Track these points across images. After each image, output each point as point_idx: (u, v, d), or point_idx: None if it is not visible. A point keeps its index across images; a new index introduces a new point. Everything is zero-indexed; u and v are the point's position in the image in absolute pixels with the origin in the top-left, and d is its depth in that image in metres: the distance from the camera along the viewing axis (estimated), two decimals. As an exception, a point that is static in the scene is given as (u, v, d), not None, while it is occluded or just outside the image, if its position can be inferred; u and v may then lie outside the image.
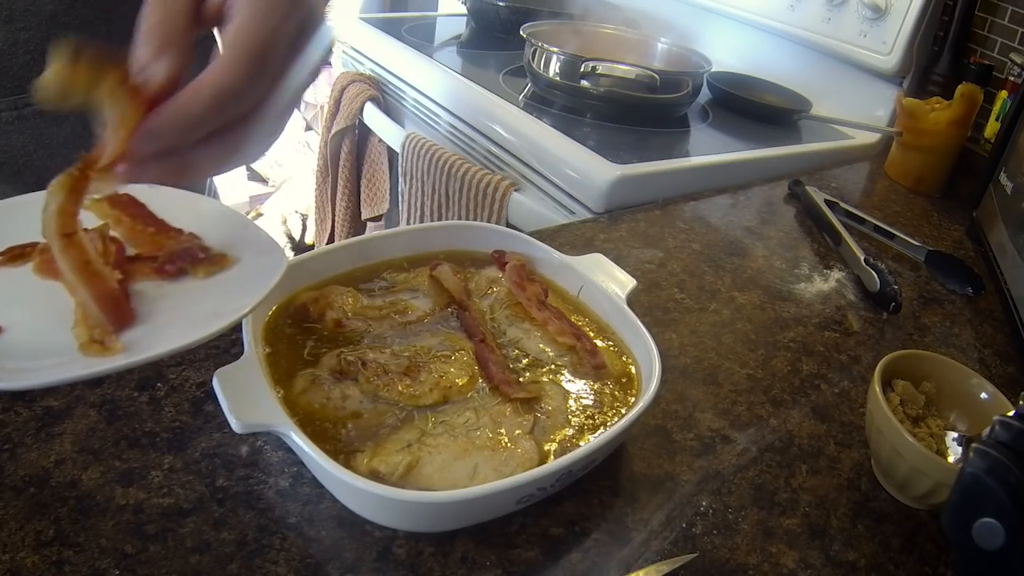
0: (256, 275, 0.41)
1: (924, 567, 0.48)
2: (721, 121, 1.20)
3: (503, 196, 1.03)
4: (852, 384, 0.64)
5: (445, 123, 1.21)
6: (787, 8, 1.28)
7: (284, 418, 0.40)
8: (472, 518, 0.43)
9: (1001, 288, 0.81)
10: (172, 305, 0.40)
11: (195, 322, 0.37)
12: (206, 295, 0.41)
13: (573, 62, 1.08)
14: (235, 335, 0.55)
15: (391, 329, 0.53)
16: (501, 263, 0.60)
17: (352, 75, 1.42)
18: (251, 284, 0.40)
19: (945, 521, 0.38)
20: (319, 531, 0.42)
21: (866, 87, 1.24)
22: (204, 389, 0.50)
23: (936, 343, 0.74)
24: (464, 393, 0.49)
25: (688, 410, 0.57)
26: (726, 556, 0.45)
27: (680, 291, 0.73)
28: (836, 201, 0.94)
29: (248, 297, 0.39)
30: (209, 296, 0.41)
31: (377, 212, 1.46)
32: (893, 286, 0.75)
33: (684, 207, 0.92)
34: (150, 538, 0.40)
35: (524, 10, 1.45)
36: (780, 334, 0.69)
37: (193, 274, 0.42)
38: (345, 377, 0.48)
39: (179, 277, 0.42)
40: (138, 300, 0.41)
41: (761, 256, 0.83)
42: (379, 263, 0.59)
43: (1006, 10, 1.12)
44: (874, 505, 0.52)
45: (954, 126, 1.04)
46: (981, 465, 0.36)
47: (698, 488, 0.50)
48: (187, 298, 0.41)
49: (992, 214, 0.89)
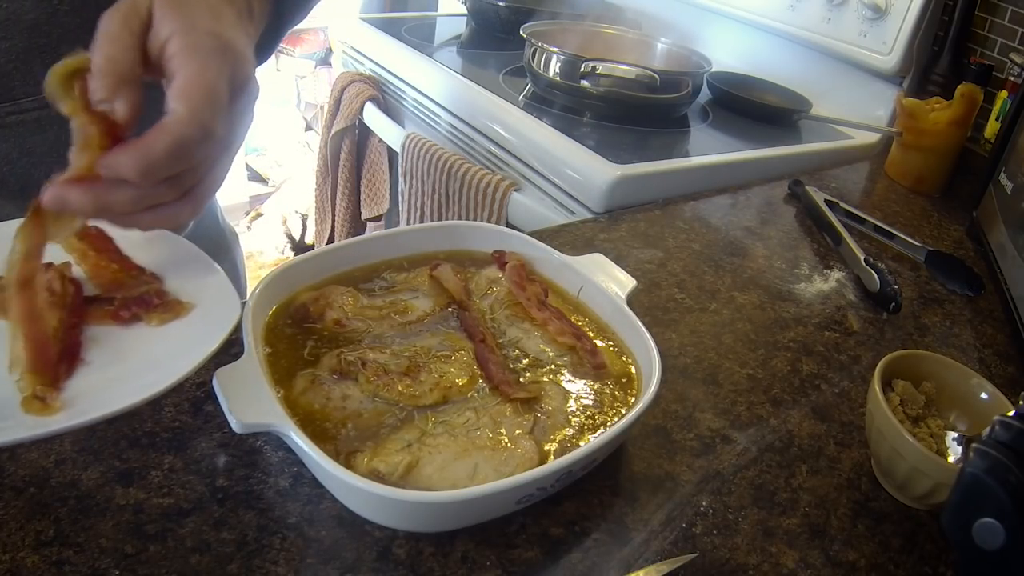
0: (207, 328, 0.41)
1: (924, 567, 0.48)
2: (721, 121, 1.20)
3: (503, 196, 1.03)
4: (852, 384, 0.64)
5: (445, 123, 1.21)
6: (787, 8, 1.28)
7: (284, 418, 0.40)
8: (472, 518, 0.43)
9: (1001, 288, 0.81)
10: (121, 355, 0.40)
11: (137, 379, 0.37)
12: (155, 346, 0.41)
13: (573, 62, 1.08)
14: (235, 335, 0.55)
15: (391, 329, 0.53)
16: (501, 263, 0.60)
17: (352, 75, 1.42)
18: (199, 339, 0.40)
19: (945, 521, 0.38)
20: (319, 531, 0.42)
21: (866, 87, 1.24)
22: (204, 389, 0.50)
23: (936, 343, 0.74)
24: (464, 393, 0.49)
25: (688, 410, 0.57)
26: (726, 556, 0.45)
27: (680, 291, 0.73)
28: (836, 201, 0.94)
29: (189, 357, 0.39)
30: (157, 348, 0.41)
31: (377, 212, 1.46)
32: (893, 286, 0.75)
33: (684, 207, 0.92)
34: (150, 538, 0.40)
35: (524, 10, 1.45)
36: (780, 334, 0.69)
37: (147, 321, 0.42)
38: (345, 377, 0.48)
39: (133, 323, 0.42)
40: (90, 345, 0.41)
41: (761, 256, 0.83)
42: (379, 263, 0.59)
43: (1006, 10, 1.12)
44: (874, 505, 0.52)
45: (954, 126, 1.04)
46: (981, 465, 0.36)
47: (698, 488, 0.50)
48: (137, 348, 0.41)
49: (992, 214, 0.89)
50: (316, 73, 2.88)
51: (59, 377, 0.39)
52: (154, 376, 0.38)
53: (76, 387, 0.39)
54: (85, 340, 0.42)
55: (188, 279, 0.45)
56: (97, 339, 0.42)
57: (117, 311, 0.43)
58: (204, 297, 0.44)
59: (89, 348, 0.42)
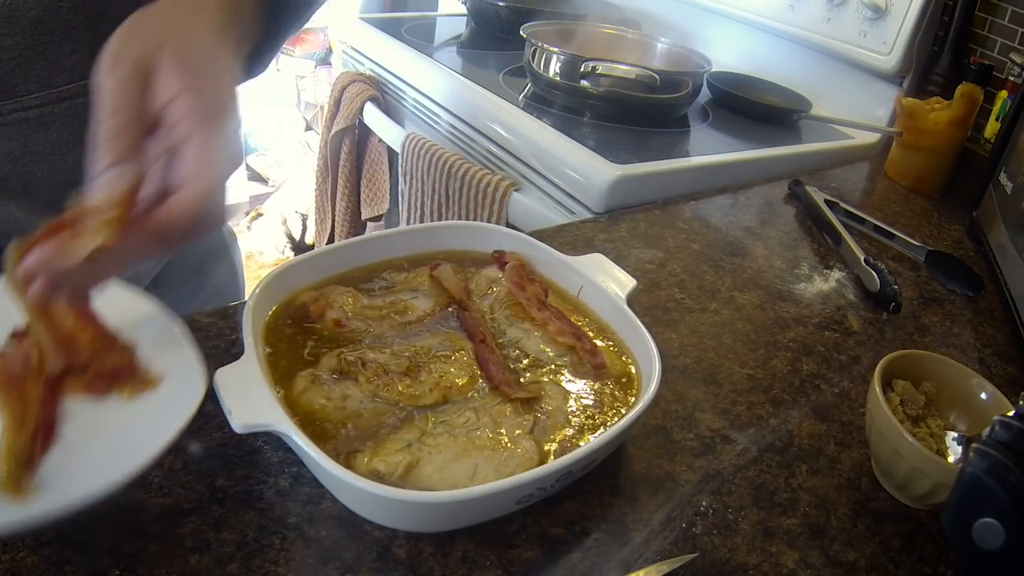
0: (171, 409, 0.40)
1: (924, 567, 0.48)
2: (721, 121, 1.20)
3: (503, 196, 1.03)
4: (852, 384, 0.64)
5: (445, 123, 1.21)
6: (787, 8, 1.28)
7: (284, 418, 0.40)
8: (472, 518, 0.43)
9: (1001, 288, 0.81)
10: (95, 431, 0.39)
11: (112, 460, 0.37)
12: (127, 421, 0.40)
13: (573, 62, 1.08)
14: (235, 335, 0.55)
15: (391, 329, 0.53)
16: (501, 263, 0.60)
17: (352, 75, 1.42)
18: (169, 414, 0.39)
19: (945, 521, 0.38)
20: (319, 531, 0.42)
21: (866, 87, 1.24)
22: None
23: (936, 343, 0.74)
24: (464, 393, 0.49)
25: (688, 410, 0.57)
26: (726, 556, 0.45)
27: (680, 291, 0.73)
28: (836, 201, 0.94)
29: (159, 435, 0.38)
30: (130, 424, 0.40)
31: (377, 212, 1.46)
32: (893, 286, 0.75)
33: (684, 207, 0.92)
34: (150, 538, 0.40)
35: (524, 10, 1.45)
36: (780, 334, 0.69)
37: (118, 393, 0.41)
38: (345, 377, 0.48)
39: (105, 395, 0.41)
40: (64, 419, 0.40)
41: (761, 256, 0.83)
42: (379, 263, 0.59)
43: (1006, 10, 1.12)
44: (874, 505, 0.52)
45: (954, 126, 1.04)
46: (981, 465, 0.36)
47: (698, 488, 0.50)
48: (109, 423, 0.40)
49: (992, 214, 0.89)
50: (316, 73, 2.88)
51: (35, 456, 0.38)
52: (130, 457, 0.37)
53: (51, 466, 0.37)
54: (60, 414, 0.40)
55: (160, 346, 0.44)
56: (70, 413, 0.41)
57: (92, 383, 0.42)
58: (174, 369, 0.43)
59: (64, 423, 0.40)
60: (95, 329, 0.44)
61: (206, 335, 0.55)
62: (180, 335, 0.44)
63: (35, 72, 0.53)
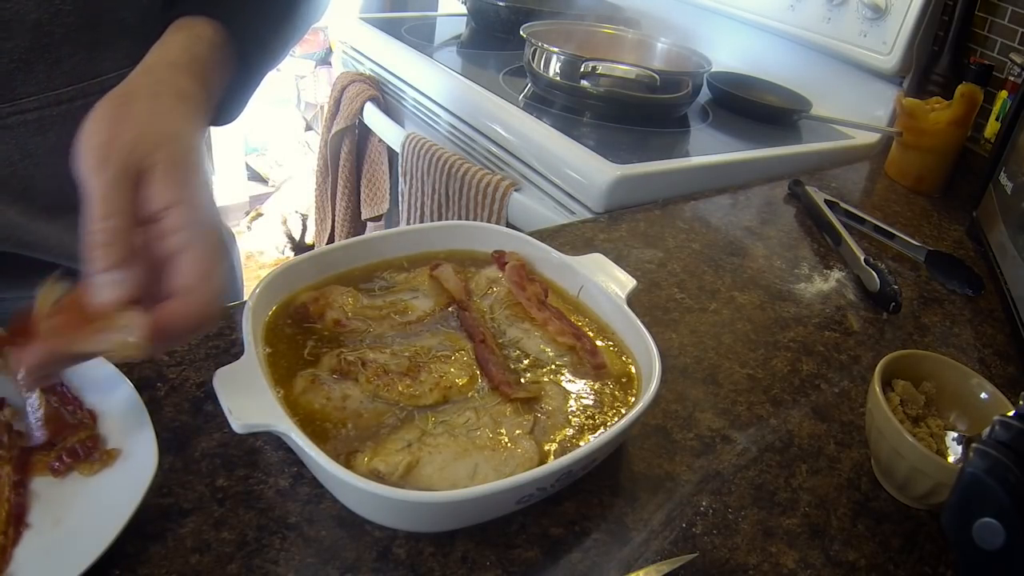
0: (128, 484, 0.40)
1: (924, 567, 0.48)
2: (721, 121, 1.20)
3: (503, 196, 1.03)
4: (852, 384, 0.64)
5: (445, 123, 1.21)
6: (787, 8, 1.28)
7: (284, 418, 0.40)
8: (472, 518, 0.43)
9: (1001, 288, 0.81)
10: (60, 514, 0.39)
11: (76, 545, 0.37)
12: (88, 500, 0.40)
13: (573, 62, 1.08)
14: (235, 335, 0.55)
15: (391, 329, 0.53)
16: (501, 263, 0.60)
17: (352, 75, 1.42)
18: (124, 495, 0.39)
19: (945, 521, 0.38)
20: (319, 531, 0.42)
21: (866, 87, 1.24)
22: (204, 389, 0.50)
23: (936, 343, 0.74)
24: (464, 393, 0.49)
25: (688, 410, 0.57)
26: (726, 556, 0.45)
27: (680, 291, 0.73)
28: (836, 201, 0.94)
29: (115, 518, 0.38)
30: (90, 504, 0.40)
31: (377, 212, 1.46)
32: (893, 286, 0.75)
33: (684, 207, 0.92)
34: (150, 538, 0.40)
35: (524, 10, 1.45)
36: (780, 334, 0.69)
37: (79, 471, 0.41)
38: (345, 377, 0.48)
39: (67, 474, 0.42)
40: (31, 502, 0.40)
41: (761, 256, 0.83)
42: (379, 263, 0.59)
43: (1006, 10, 1.12)
44: (874, 505, 0.52)
45: (954, 126, 1.04)
46: (981, 465, 0.36)
47: (698, 488, 0.50)
48: (71, 505, 0.40)
49: (992, 214, 0.89)
50: (316, 73, 2.88)
51: (7, 549, 0.37)
52: (92, 540, 0.36)
53: (21, 558, 0.37)
54: (29, 499, 0.40)
55: (122, 422, 0.44)
56: (36, 494, 0.40)
57: (53, 463, 0.41)
58: (133, 449, 0.42)
59: (31, 506, 0.40)
60: (61, 402, 0.44)
61: (206, 335, 0.55)
62: (147, 425, 0.44)
63: (34, 75, 0.53)
